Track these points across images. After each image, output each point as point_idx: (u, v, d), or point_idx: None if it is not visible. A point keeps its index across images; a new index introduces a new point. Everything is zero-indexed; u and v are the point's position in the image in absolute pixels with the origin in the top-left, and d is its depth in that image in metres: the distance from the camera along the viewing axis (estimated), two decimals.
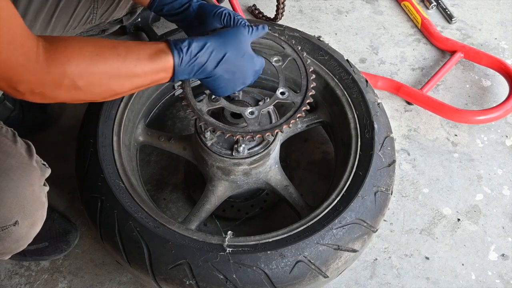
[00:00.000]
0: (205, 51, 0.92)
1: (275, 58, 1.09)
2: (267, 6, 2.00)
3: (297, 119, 1.03)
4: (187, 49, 0.90)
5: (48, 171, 1.02)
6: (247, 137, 1.02)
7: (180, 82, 1.03)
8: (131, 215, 1.12)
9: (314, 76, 1.07)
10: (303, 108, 1.03)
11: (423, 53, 1.87)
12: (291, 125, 1.02)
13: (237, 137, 1.02)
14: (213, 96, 1.05)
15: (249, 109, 1.03)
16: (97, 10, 1.30)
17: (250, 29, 1.00)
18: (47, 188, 1.01)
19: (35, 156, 0.99)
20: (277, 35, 1.11)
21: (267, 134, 1.02)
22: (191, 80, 1.02)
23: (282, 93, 1.05)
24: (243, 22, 1.05)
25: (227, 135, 1.01)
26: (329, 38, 1.91)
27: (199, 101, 1.04)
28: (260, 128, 1.02)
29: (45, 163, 1.03)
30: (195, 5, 1.09)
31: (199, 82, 1.01)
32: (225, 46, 0.94)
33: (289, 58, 1.09)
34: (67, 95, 0.84)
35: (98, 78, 0.85)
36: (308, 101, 1.04)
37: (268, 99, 1.09)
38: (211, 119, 1.02)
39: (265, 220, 1.47)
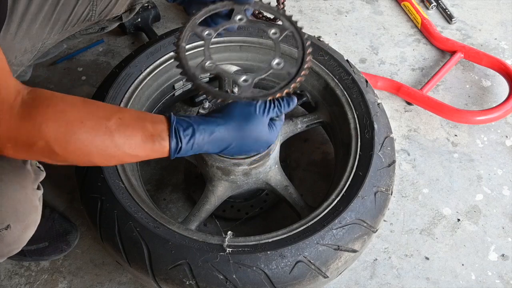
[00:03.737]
0: (210, 141, 0.88)
1: (273, 31, 1.05)
2: None
3: (291, 89, 0.97)
4: (188, 139, 0.86)
5: (43, 174, 1.01)
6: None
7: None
8: (131, 215, 1.12)
9: (312, 49, 1.02)
10: (298, 79, 0.98)
11: (423, 53, 1.87)
12: (284, 93, 0.97)
13: (229, 102, 0.97)
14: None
15: (243, 77, 0.98)
16: (96, 7, 1.29)
17: (267, 105, 0.94)
18: (41, 192, 1.00)
19: None
20: (276, 9, 1.08)
21: (258, 102, 0.98)
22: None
23: (278, 64, 0.99)
24: None
25: (219, 100, 0.96)
26: (329, 38, 1.91)
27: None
28: (253, 95, 0.97)
29: (40, 165, 1.01)
30: None
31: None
32: (232, 132, 0.92)
33: (286, 32, 1.04)
34: (42, 156, 0.78)
35: (78, 148, 0.78)
36: (303, 72, 0.98)
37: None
38: (204, 84, 0.96)
39: (265, 220, 1.47)
